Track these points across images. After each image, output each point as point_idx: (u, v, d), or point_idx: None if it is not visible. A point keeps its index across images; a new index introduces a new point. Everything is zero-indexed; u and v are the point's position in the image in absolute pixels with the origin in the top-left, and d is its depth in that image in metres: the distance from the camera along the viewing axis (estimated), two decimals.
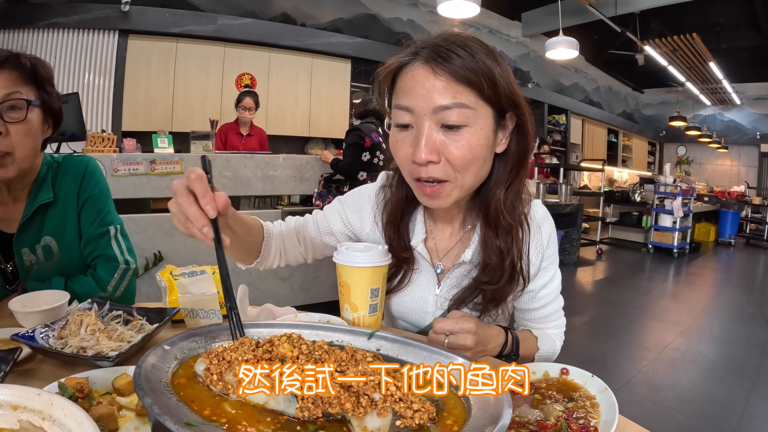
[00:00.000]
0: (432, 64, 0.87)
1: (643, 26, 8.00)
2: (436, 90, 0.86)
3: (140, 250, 3.38)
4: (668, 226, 8.14)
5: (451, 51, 0.86)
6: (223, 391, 0.61)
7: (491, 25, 8.76)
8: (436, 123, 0.88)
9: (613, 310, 5.07)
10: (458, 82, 0.86)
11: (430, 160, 0.88)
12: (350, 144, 3.91)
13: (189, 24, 5.55)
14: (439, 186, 0.91)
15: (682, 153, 14.65)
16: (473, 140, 0.88)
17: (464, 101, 0.86)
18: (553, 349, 1.15)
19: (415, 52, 0.90)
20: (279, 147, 5.74)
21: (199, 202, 0.71)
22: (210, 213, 0.71)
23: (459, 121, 0.87)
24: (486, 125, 0.90)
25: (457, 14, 4.52)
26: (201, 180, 0.72)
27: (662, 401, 2.97)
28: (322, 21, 6.77)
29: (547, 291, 1.12)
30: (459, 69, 0.85)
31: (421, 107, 0.87)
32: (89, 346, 0.88)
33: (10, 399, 0.58)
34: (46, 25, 4.82)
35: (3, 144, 1.12)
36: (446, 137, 0.88)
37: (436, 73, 0.86)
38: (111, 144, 3.50)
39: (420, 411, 0.56)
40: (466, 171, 0.91)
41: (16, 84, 1.14)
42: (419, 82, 0.87)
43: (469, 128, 0.88)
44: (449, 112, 0.86)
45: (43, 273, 1.27)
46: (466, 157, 0.89)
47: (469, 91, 0.87)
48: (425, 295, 1.12)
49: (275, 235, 1.14)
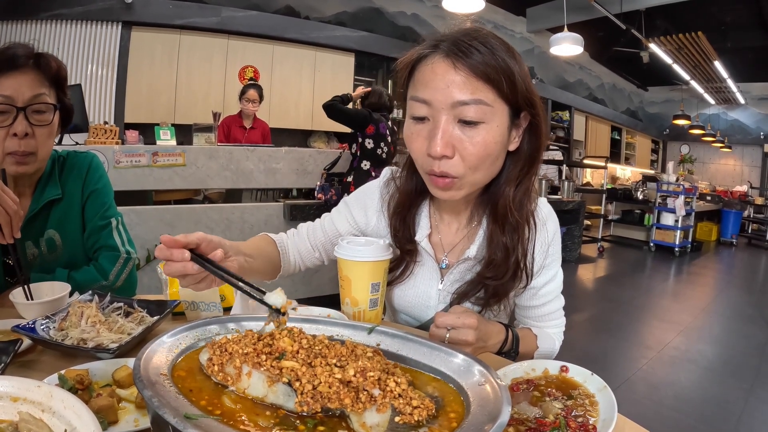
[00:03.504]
0: (452, 58, 0.86)
1: (648, 24, 7.95)
2: (456, 85, 0.86)
3: (142, 242, 3.38)
4: (670, 224, 8.13)
5: (472, 46, 0.85)
6: (222, 382, 0.62)
7: (496, 21, 8.72)
8: (453, 118, 0.87)
9: (613, 307, 5.08)
10: (478, 78, 0.85)
11: (445, 154, 0.87)
12: (358, 111, 3.98)
13: (192, 16, 5.53)
14: (451, 180, 0.91)
15: (686, 152, 14.59)
16: (488, 137, 0.88)
17: (483, 98, 0.86)
18: (552, 348, 1.15)
19: (436, 44, 0.90)
20: (281, 140, 5.73)
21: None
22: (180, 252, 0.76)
23: (476, 117, 0.86)
24: (502, 123, 0.90)
25: (462, 9, 4.50)
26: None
27: (661, 400, 2.98)
28: (326, 14, 6.74)
29: (548, 289, 1.12)
30: (479, 65, 0.85)
31: (439, 101, 0.87)
32: (90, 338, 0.89)
33: (10, 391, 0.58)
34: (49, 16, 4.80)
35: (29, 144, 1.16)
36: (462, 133, 0.88)
37: (456, 67, 0.86)
38: (113, 136, 3.50)
39: (419, 407, 0.56)
40: (478, 168, 0.91)
41: (42, 85, 1.17)
42: (439, 76, 0.87)
43: (486, 125, 0.88)
44: (467, 107, 0.86)
45: (46, 265, 1.28)
46: (480, 154, 0.89)
47: (488, 88, 0.86)
48: (428, 290, 1.12)
49: (291, 247, 1.20)
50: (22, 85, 1.13)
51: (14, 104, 1.12)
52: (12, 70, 1.12)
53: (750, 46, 9.16)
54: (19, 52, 1.12)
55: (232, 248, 0.89)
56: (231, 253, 0.88)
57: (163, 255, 0.76)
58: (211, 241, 0.80)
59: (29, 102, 1.14)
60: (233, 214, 3.88)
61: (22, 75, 1.13)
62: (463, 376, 0.66)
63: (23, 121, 1.13)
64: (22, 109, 1.13)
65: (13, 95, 1.11)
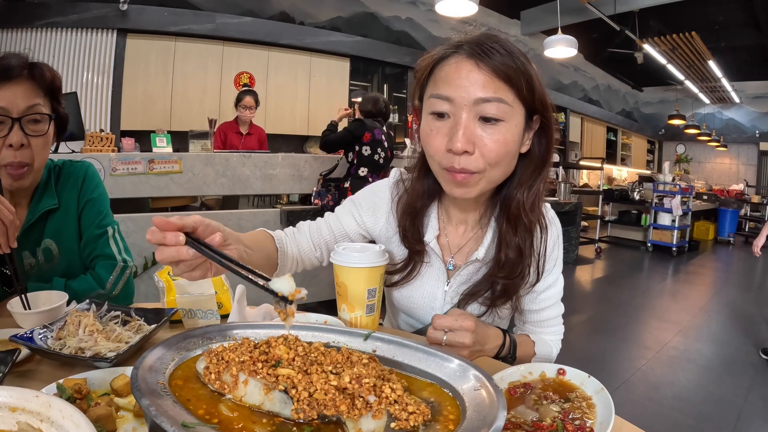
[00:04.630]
0: (476, 58, 0.89)
1: (642, 24, 8.00)
2: (479, 83, 0.89)
3: (139, 250, 3.37)
4: (667, 224, 8.15)
5: (494, 48, 0.89)
6: (219, 390, 0.62)
7: (490, 24, 8.74)
8: (474, 115, 0.90)
9: (611, 308, 5.08)
10: (499, 78, 0.89)
11: (466, 150, 0.90)
12: (348, 129, 3.96)
13: (187, 23, 5.54)
14: (469, 174, 0.93)
15: (681, 151, 14.65)
16: (508, 135, 0.91)
17: (504, 97, 0.90)
18: (549, 355, 1.16)
19: (458, 45, 0.93)
20: (277, 146, 5.74)
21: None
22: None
23: (497, 114, 0.89)
24: (518, 123, 0.93)
25: (456, 12, 4.50)
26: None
27: (660, 400, 2.98)
28: (321, 19, 6.76)
29: (548, 294, 1.14)
30: (501, 66, 0.89)
31: (462, 98, 0.90)
32: (87, 347, 0.89)
33: (8, 401, 0.58)
34: (44, 24, 4.81)
35: (25, 155, 1.16)
36: (483, 130, 0.91)
37: (479, 66, 0.89)
38: (109, 143, 3.50)
39: (415, 413, 0.56)
40: (497, 165, 0.93)
41: (37, 95, 1.17)
42: (463, 73, 0.90)
43: (505, 123, 0.91)
44: (489, 105, 0.89)
45: (43, 275, 1.28)
46: (500, 151, 0.91)
47: (508, 89, 0.90)
48: (434, 291, 1.13)
49: (290, 245, 1.16)
50: (17, 96, 1.13)
51: (9, 115, 1.12)
52: (6, 81, 1.11)
53: (744, 45, 9.21)
54: (13, 62, 1.12)
55: (231, 236, 0.84)
56: (230, 241, 0.82)
57: (155, 239, 0.69)
58: (209, 225, 0.74)
59: (24, 113, 1.14)
60: (230, 221, 3.88)
61: (17, 85, 1.13)
62: (458, 381, 0.66)
63: (19, 131, 1.13)
64: (17, 120, 1.13)
65: (7, 106, 1.11)
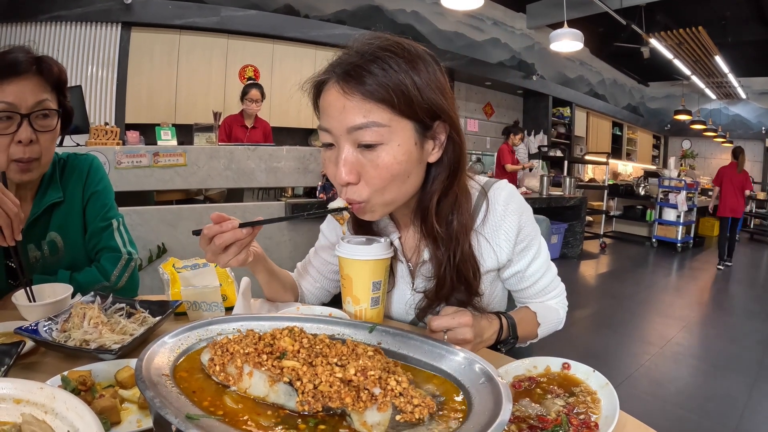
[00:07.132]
0: (341, 84, 0.85)
1: (648, 19, 7.93)
2: (348, 110, 0.85)
3: (144, 243, 3.39)
4: (672, 220, 8.12)
5: (361, 68, 0.84)
6: (224, 382, 0.62)
7: (495, 17, 8.70)
8: (353, 143, 0.87)
9: (615, 304, 5.07)
10: (369, 100, 0.84)
11: (349, 181, 0.88)
12: None
13: (192, 16, 5.52)
14: (360, 205, 0.91)
15: (687, 147, 14.56)
16: (389, 158, 0.86)
17: (376, 119, 0.84)
18: (557, 318, 1.15)
19: (331, 69, 0.89)
20: (282, 139, 5.73)
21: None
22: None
23: (373, 139, 0.85)
24: (405, 140, 0.87)
25: (461, 5, 4.48)
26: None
27: (664, 396, 2.97)
28: (326, 12, 6.74)
29: (534, 268, 1.10)
30: (369, 87, 0.83)
31: (336, 128, 0.87)
32: (92, 339, 0.89)
33: (12, 393, 0.59)
34: (48, 18, 4.80)
35: (33, 151, 1.16)
36: (363, 157, 0.87)
37: (346, 93, 0.85)
38: (114, 136, 3.50)
39: (420, 406, 0.56)
40: (386, 189, 0.90)
41: (45, 91, 1.17)
42: (332, 104, 0.87)
43: (385, 146, 0.86)
44: (363, 131, 0.85)
45: (48, 268, 1.29)
46: (383, 176, 0.87)
47: (381, 108, 0.84)
48: (404, 288, 1.13)
49: (302, 284, 1.27)
50: (25, 92, 1.12)
51: (18, 111, 1.11)
52: (14, 76, 1.11)
53: (750, 40, 9.13)
54: (21, 57, 1.11)
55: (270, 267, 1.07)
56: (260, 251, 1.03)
57: (212, 231, 0.86)
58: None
59: (33, 108, 1.13)
60: (235, 214, 3.82)
61: (25, 81, 1.12)
62: (464, 373, 0.66)
63: (28, 128, 1.13)
64: (26, 116, 1.12)
65: (15, 102, 1.11)
